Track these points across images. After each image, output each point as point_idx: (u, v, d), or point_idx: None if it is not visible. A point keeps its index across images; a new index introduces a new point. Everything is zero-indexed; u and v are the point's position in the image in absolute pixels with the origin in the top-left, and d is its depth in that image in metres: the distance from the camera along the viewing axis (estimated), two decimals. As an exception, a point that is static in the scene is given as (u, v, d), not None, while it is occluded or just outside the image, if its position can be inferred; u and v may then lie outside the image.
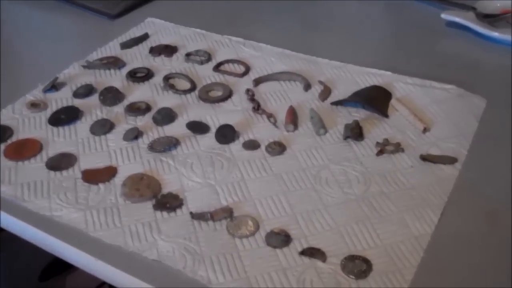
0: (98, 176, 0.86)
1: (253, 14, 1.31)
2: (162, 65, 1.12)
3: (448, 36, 1.21)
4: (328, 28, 1.26)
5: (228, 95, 1.03)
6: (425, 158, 0.88)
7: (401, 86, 1.04)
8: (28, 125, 0.97)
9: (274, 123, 0.96)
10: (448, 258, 0.74)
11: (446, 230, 0.78)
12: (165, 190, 0.84)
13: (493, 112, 0.97)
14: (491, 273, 0.73)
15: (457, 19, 1.20)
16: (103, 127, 0.96)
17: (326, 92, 1.03)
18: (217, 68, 1.11)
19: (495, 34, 1.16)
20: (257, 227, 0.78)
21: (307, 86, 1.05)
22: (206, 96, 1.03)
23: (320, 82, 1.05)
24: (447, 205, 0.81)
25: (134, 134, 0.93)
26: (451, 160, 0.88)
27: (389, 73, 1.07)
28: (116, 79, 1.08)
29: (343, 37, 1.22)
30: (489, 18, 1.20)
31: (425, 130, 0.93)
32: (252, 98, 1.02)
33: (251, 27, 1.24)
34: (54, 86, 1.05)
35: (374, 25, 1.28)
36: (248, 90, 1.04)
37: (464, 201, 0.82)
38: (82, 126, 0.97)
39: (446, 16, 1.21)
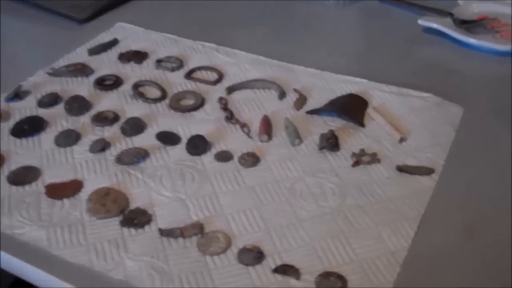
0: (63, 190, 0.83)
1: (227, 20, 1.28)
2: (132, 72, 1.09)
3: (425, 43, 1.19)
4: (304, 35, 1.24)
5: (200, 103, 1.00)
6: (401, 169, 0.86)
7: (378, 94, 1.02)
8: (-11, 137, 0.94)
9: (248, 133, 0.93)
10: (425, 273, 0.72)
11: (423, 243, 0.76)
12: (133, 205, 0.81)
13: (471, 121, 0.96)
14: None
15: (434, 25, 1.18)
16: (69, 138, 0.92)
17: (301, 101, 1.01)
18: (189, 75, 1.08)
19: (472, 40, 1.14)
20: (229, 243, 0.75)
21: (282, 95, 1.02)
22: (177, 105, 1.00)
23: (295, 90, 1.03)
24: (424, 218, 0.79)
25: (101, 146, 0.90)
26: (428, 171, 0.86)
27: (365, 80, 1.05)
28: (83, 87, 1.05)
29: (319, 43, 1.20)
30: (466, 24, 1.19)
31: (401, 140, 0.91)
32: (225, 107, 0.99)
33: (224, 33, 1.22)
34: (18, 95, 1.01)
35: (350, 31, 1.26)
36: (221, 99, 1.01)
37: (441, 213, 0.80)
38: (47, 138, 0.93)
39: (423, 22, 1.19)
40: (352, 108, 0.98)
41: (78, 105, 0.99)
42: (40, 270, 0.73)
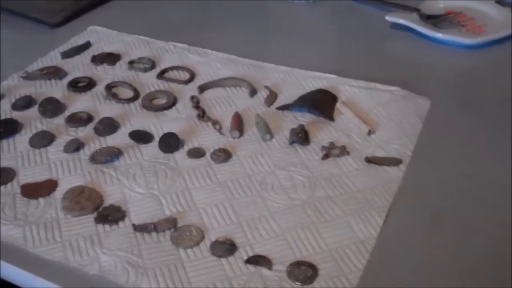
0: (38, 190, 0.84)
1: (198, 20, 1.30)
2: (105, 74, 1.10)
3: (392, 38, 1.21)
4: (274, 33, 1.25)
5: (172, 102, 1.02)
6: (370, 160, 0.88)
7: (346, 89, 1.04)
8: (-36, 139, 0.94)
9: (219, 130, 0.95)
10: (393, 261, 0.74)
11: (391, 232, 0.77)
12: (107, 202, 0.82)
13: (438, 113, 0.98)
14: (437, 275, 0.72)
15: (401, 21, 1.20)
16: (43, 139, 0.93)
17: (272, 97, 1.02)
18: (161, 75, 1.09)
19: (438, 35, 1.16)
20: (202, 236, 0.77)
21: (253, 92, 1.04)
22: (150, 104, 1.01)
23: (266, 87, 1.05)
24: (392, 207, 0.81)
25: (75, 146, 0.91)
26: (395, 162, 0.88)
27: (334, 76, 1.07)
28: (57, 89, 1.06)
29: (290, 41, 1.21)
30: (432, 19, 1.21)
31: (370, 132, 0.93)
32: (197, 105, 1.01)
33: (195, 33, 1.23)
34: (-8, 99, 1.02)
35: (319, 28, 1.28)
36: (192, 97, 1.03)
37: (409, 203, 0.82)
38: (21, 139, 0.94)
39: (390, 18, 1.21)
40: (321, 103, 1.00)
41: (52, 107, 1.00)
42: (17, 268, 0.74)
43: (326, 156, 0.89)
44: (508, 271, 0.72)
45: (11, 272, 0.75)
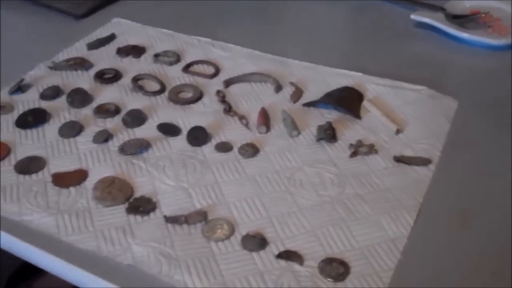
0: (69, 179, 0.84)
1: (221, 15, 1.30)
2: (130, 66, 1.10)
3: (418, 37, 1.21)
4: (298, 29, 1.25)
5: (198, 96, 1.02)
6: (398, 159, 0.88)
7: (373, 87, 1.04)
8: (-6, 127, 0.95)
9: (246, 125, 0.95)
10: (424, 260, 0.74)
11: (421, 231, 0.77)
12: (137, 194, 0.82)
13: (465, 113, 0.97)
14: (467, 273, 0.72)
15: (426, 20, 1.20)
16: (72, 129, 0.93)
17: (297, 94, 1.02)
18: (186, 69, 1.09)
19: (464, 35, 1.16)
20: (232, 230, 0.77)
21: (278, 88, 1.04)
22: (176, 98, 1.02)
23: (291, 84, 1.05)
24: (422, 207, 0.81)
25: (104, 137, 0.91)
26: (424, 162, 0.88)
27: (360, 74, 1.07)
28: (83, 80, 1.06)
29: (313, 38, 1.21)
30: (458, 19, 1.21)
31: (398, 131, 0.93)
32: (223, 99, 1.01)
33: (219, 28, 1.23)
34: (20, 88, 1.02)
35: (344, 26, 1.28)
36: (218, 92, 1.03)
37: (439, 203, 0.82)
38: (50, 129, 0.94)
39: (415, 17, 1.21)
40: (348, 100, 1.00)
41: (80, 97, 1.00)
42: (50, 255, 0.74)
43: (354, 154, 0.89)
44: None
45: (46, 260, 0.75)
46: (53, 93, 1.01)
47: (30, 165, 0.87)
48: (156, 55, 1.13)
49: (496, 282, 0.71)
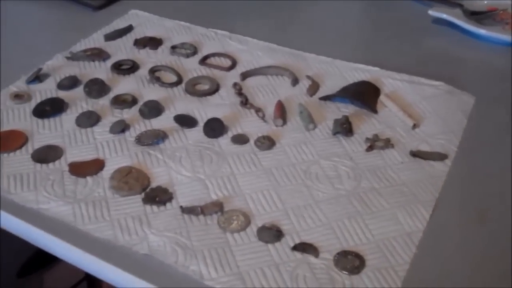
0: (86, 169, 0.85)
1: (238, 8, 1.30)
2: (147, 58, 1.11)
3: (435, 33, 1.21)
4: (315, 23, 1.25)
5: (215, 88, 1.02)
6: (415, 154, 0.88)
7: (390, 82, 1.03)
8: (12, 116, 0.95)
9: (263, 118, 0.95)
10: (440, 255, 0.74)
11: (437, 226, 0.77)
12: (154, 184, 0.83)
13: (482, 109, 0.97)
14: (482, 269, 0.72)
15: (444, 16, 1.20)
16: (89, 119, 0.94)
17: (314, 87, 1.02)
18: (203, 61, 1.10)
19: (482, 31, 1.16)
20: (248, 221, 0.77)
21: (295, 81, 1.04)
22: (193, 90, 1.02)
23: (308, 77, 1.05)
24: (438, 202, 0.81)
25: (121, 127, 0.91)
26: (441, 157, 0.88)
27: (377, 68, 1.06)
28: (100, 71, 1.06)
29: (330, 32, 1.21)
30: (476, 16, 1.21)
31: (414, 126, 0.93)
32: (239, 92, 1.01)
33: (236, 21, 1.23)
34: (38, 78, 1.03)
35: (361, 21, 1.28)
36: (235, 84, 1.03)
37: (455, 198, 0.82)
38: (68, 118, 0.95)
39: (433, 12, 1.21)
40: (364, 94, 1.00)
41: (97, 88, 1.00)
42: (66, 243, 0.74)
43: (370, 148, 0.89)
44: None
45: (62, 248, 0.75)
46: (70, 83, 1.02)
47: (47, 154, 0.87)
48: (173, 47, 1.13)
49: (510, 279, 0.71)
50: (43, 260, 1.17)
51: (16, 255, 1.29)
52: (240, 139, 0.91)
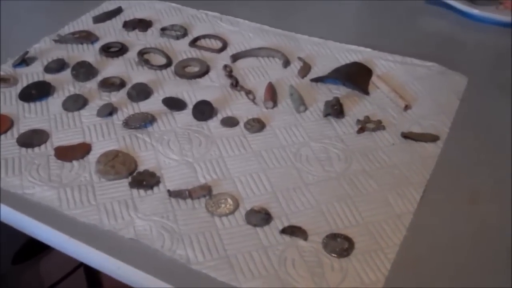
0: (72, 153, 0.83)
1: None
2: (137, 40, 1.09)
3: (428, 13, 1.19)
4: (307, 4, 1.23)
5: (205, 71, 1.01)
6: (406, 135, 0.87)
7: (382, 63, 1.02)
8: (-2, 100, 0.94)
9: (253, 100, 0.94)
10: (430, 237, 0.73)
11: (428, 208, 0.77)
12: (141, 168, 0.81)
13: (474, 90, 0.96)
14: (473, 252, 0.72)
15: (437, -4, 1.18)
16: (76, 102, 0.93)
17: (305, 69, 1.01)
18: (193, 43, 1.08)
19: (475, 11, 1.15)
20: (236, 205, 0.76)
21: (286, 63, 1.03)
22: (183, 72, 1.00)
23: (300, 59, 1.03)
24: (429, 183, 0.80)
25: (109, 110, 0.90)
26: (433, 138, 0.87)
27: (369, 49, 1.05)
28: (89, 53, 1.05)
29: (322, 13, 1.20)
30: (470, -4, 1.19)
31: (406, 107, 0.92)
32: (230, 74, 1.00)
33: (227, 2, 1.22)
34: (24, 61, 1.01)
35: (353, 1, 1.26)
36: (225, 66, 1.02)
37: (446, 179, 0.81)
38: (54, 102, 0.93)
39: (426, -8, 1.20)
40: (356, 76, 0.99)
41: (84, 71, 0.99)
42: (52, 229, 0.73)
43: (361, 130, 0.88)
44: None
45: (47, 233, 0.74)
46: (57, 66, 1.00)
47: (33, 138, 0.86)
48: (163, 29, 1.11)
49: (503, 260, 0.70)
50: (39, 246, 1.16)
51: (10, 242, 1.28)
52: (230, 122, 0.90)
